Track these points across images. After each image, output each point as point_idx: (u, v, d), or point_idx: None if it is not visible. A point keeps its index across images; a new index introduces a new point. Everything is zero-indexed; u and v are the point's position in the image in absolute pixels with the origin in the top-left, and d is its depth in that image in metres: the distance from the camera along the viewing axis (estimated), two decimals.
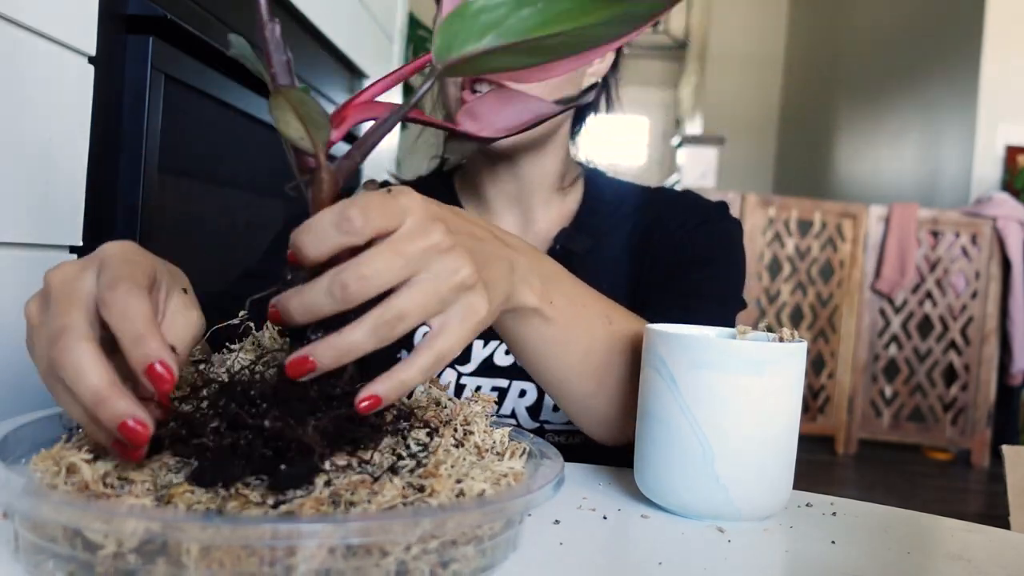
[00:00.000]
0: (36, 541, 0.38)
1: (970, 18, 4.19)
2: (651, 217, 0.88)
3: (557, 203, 0.91)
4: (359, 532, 0.35)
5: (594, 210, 0.90)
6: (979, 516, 2.92)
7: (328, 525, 0.34)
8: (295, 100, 0.40)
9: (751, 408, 0.53)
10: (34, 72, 0.77)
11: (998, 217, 3.71)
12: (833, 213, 3.85)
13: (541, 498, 0.41)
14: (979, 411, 3.74)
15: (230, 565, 0.35)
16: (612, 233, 0.88)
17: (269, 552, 0.35)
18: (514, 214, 0.90)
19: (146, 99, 0.93)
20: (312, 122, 0.41)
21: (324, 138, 0.43)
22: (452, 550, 0.39)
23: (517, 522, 0.44)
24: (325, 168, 0.44)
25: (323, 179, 0.44)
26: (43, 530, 0.37)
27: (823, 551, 0.50)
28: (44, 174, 0.79)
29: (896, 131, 5.01)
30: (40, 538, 0.38)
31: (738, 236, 0.87)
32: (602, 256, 0.87)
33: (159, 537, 0.34)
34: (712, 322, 0.66)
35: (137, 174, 0.93)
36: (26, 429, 0.47)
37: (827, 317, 3.88)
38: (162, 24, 0.93)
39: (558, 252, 0.86)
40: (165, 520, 0.34)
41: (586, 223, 0.89)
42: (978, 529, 0.58)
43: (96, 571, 0.36)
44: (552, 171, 0.89)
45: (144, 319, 0.40)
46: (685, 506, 0.55)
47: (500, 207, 0.90)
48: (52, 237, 0.82)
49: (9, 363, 0.77)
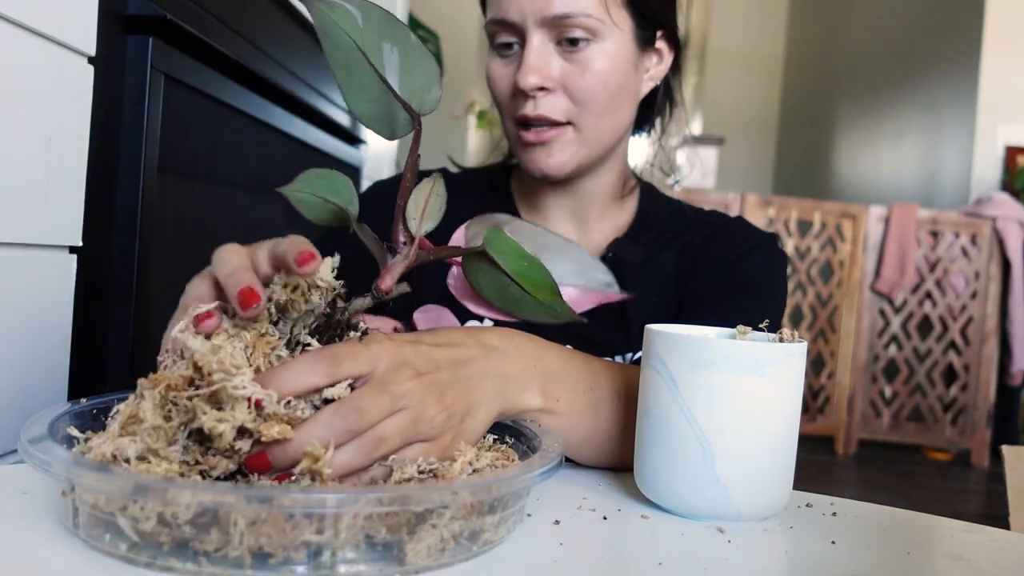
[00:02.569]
0: (97, 515, 0.41)
1: (970, 18, 4.19)
2: (703, 238, 0.89)
3: (613, 213, 0.91)
4: (395, 500, 0.40)
5: (648, 224, 0.90)
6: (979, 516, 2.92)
7: (364, 495, 0.39)
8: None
9: (751, 408, 0.53)
10: (34, 72, 0.77)
11: (998, 217, 3.71)
12: (833, 213, 3.85)
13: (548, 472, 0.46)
14: (979, 411, 3.74)
15: (276, 536, 0.39)
16: (664, 249, 0.88)
17: (310, 521, 0.39)
18: (570, 223, 0.90)
19: (146, 99, 0.93)
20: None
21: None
22: (477, 519, 0.44)
23: (525, 494, 0.49)
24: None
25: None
26: (104, 504, 0.41)
27: (823, 551, 0.50)
28: (44, 174, 0.79)
29: (896, 131, 5.01)
30: (100, 512, 0.41)
31: (783, 268, 0.88)
32: (653, 270, 0.87)
33: (211, 508, 0.38)
34: None
35: (137, 174, 0.93)
36: (65, 419, 0.50)
37: (827, 317, 3.88)
38: (162, 24, 0.93)
39: (611, 260, 0.86)
40: (217, 492, 0.38)
41: (639, 235, 0.89)
42: (978, 529, 0.58)
43: (154, 542, 0.40)
44: (610, 183, 0.90)
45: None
46: (685, 506, 0.55)
47: (556, 216, 0.90)
48: (52, 237, 0.82)
49: (13, 362, 0.77)
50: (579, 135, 0.81)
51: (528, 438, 0.55)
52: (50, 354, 0.84)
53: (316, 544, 0.40)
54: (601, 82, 0.79)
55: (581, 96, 0.79)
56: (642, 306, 0.84)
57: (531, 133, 0.80)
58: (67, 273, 0.85)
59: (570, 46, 0.78)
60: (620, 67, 0.81)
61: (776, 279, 0.87)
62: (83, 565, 0.40)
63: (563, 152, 0.81)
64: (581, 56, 0.79)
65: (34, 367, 0.81)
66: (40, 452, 0.41)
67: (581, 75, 0.79)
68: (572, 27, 0.77)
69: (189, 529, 0.39)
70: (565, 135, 0.81)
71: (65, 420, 0.49)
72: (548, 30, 0.78)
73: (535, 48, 0.78)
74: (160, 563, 0.40)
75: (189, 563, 0.39)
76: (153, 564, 0.40)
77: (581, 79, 0.79)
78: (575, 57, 0.79)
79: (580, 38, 0.78)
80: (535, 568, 0.44)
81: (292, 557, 0.40)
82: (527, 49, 0.78)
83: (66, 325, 0.86)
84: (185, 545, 0.40)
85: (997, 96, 4.07)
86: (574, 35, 0.78)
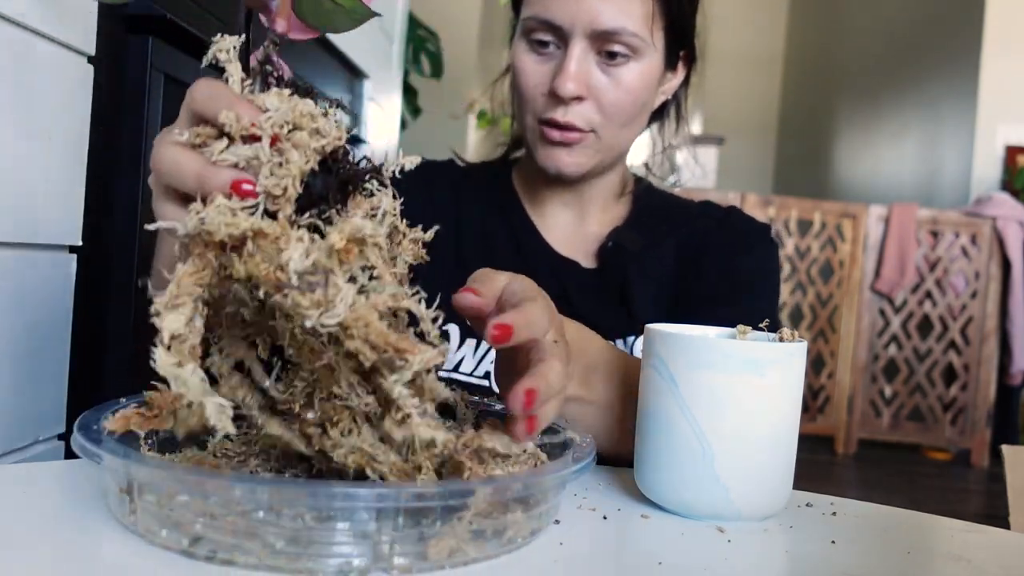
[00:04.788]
0: (156, 512, 0.42)
1: (970, 18, 4.19)
2: (700, 233, 0.90)
3: (612, 207, 0.92)
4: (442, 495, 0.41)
5: (645, 216, 0.92)
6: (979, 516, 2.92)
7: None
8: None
9: (751, 408, 0.53)
10: (34, 72, 0.77)
11: (998, 217, 3.71)
12: (833, 213, 3.85)
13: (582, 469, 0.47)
14: (979, 411, 3.74)
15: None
16: (661, 242, 0.89)
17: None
18: (571, 217, 0.92)
19: (146, 99, 0.93)
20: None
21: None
22: (503, 516, 0.45)
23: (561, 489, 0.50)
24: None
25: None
26: (163, 501, 0.42)
27: (823, 551, 0.50)
28: (44, 174, 0.79)
29: (896, 131, 5.01)
30: (160, 508, 0.42)
31: (777, 259, 0.90)
32: (652, 258, 0.88)
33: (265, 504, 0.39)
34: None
35: (137, 174, 0.93)
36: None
37: (827, 317, 3.88)
38: (162, 24, 0.93)
39: (611, 248, 0.88)
40: (274, 487, 0.39)
41: (638, 226, 0.90)
42: (978, 529, 0.58)
43: (214, 537, 0.41)
44: (612, 182, 0.91)
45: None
46: (685, 506, 0.55)
47: (557, 210, 0.91)
48: (52, 237, 0.82)
49: (13, 362, 0.77)
50: (599, 143, 0.83)
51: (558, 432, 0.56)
52: (50, 354, 0.84)
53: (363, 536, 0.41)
54: (631, 99, 0.81)
55: (610, 109, 0.81)
56: (642, 292, 0.85)
57: (556, 132, 0.81)
58: (67, 273, 0.85)
59: (608, 59, 0.80)
60: (649, 85, 0.83)
61: (773, 273, 0.89)
62: (143, 560, 0.41)
63: (582, 155, 0.83)
64: (617, 71, 0.80)
65: (34, 367, 0.81)
66: (103, 450, 0.42)
67: (614, 89, 0.80)
68: (616, 43, 0.79)
69: (248, 522, 0.40)
70: (587, 140, 0.83)
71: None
72: (592, 41, 0.79)
73: (577, 57, 0.79)
74: (221, 556, 0.40)
75: (251, 556, 0.40)
76: (214, 558, 0.41)
77: (613, 92, 0.80)
78: (611, 70, 0.80)
79: (620, 53, 0.79)
80: (535, 567, 0.44)
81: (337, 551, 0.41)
82: (569, 56, 0.79)
83: (66, 325, 0.86)
84: (251, 535, 0.40)
85: (997, 96, 4.07)
86: (615, 49, 0.79)
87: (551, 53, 0.81)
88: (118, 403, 0.51)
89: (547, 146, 0.83)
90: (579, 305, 0.84)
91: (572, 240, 0.91)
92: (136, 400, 0.52)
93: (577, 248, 0.90)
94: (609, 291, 0.86)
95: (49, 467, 0.55)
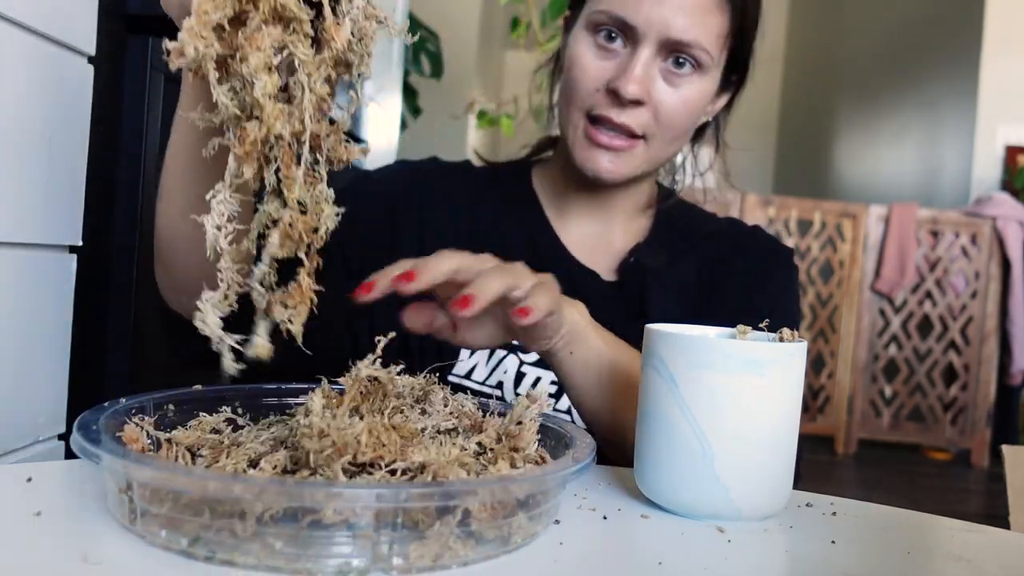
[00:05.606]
0: (156, 512, 0.42)
1: (970, 18, 4.19)
2: (723, 251, 0.89)
3: (635, 220, 0.91)
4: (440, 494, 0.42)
5: (667, 230, 0.90)
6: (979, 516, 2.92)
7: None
8: None
9: (751, 408, 0.53)
10: (34, 72, 0.77)
11: (998, 217, 3.71)
12: (833, 213, 3.85)
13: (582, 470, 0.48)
14: (979, 411, 3.74)
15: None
16: (683, 257, 0.88)
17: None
18: (594, 226, 0.90)
19: (146, 99, 0.93)
20: None
21: None
22: (503, 516, 0.45)
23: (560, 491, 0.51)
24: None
25: None
26: (162, 502, 0.42)
27: (823, 551, 0.50)
28: (44, 174, 0.79)
29: (896, 131, 5.01)
30: (159, 508, 0.42)
31: (797, 282, 0.91)
32: (674, 276, 0.87)
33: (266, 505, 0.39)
34: None
35: (137, 174, 0.93)
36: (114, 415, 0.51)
37: (827, 317, 3.88)
38: (162, 24, 0.93)
39: (633, 265, 0.86)
40: (274, 487, 0.39)
41: (659, 242, 0.89)
42: (978, 529, 0.58)
43: (213, 537, 0.41)
44: (640, 195, 0.90)
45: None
46: (685, 506, 0.55)
47: (580, 218, 0.90)
48: (52, 237, 0.82)
49: (13, 361, 0.77)
50: (646, 152, 0.82)
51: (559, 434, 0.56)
52: (50, 354, 0.84)
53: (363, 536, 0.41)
54: (686, 112, 0.81)
55: (665, 119, 0.80)
56: (660, 307, 0.84)
57: (604, 136, 0.79)
58: (67, 273, 0.85)
59: (674, 67, 0.79)
60: (704, 102, 0.83)
61: (796, 299, 0.89)
62: (142, 560, 0.41)
63: (625, 163, 0.81)
64: (680, 81, 0.79)
65: (34, 367, 0.81)
66: (102, 450, 0.42)
67: (673, 99, 0.79)
68: (686, 54, 0.78)
69: (251, 525, 0.40)
70: (635, 148, 0.81)
71: (116, 416, 0.50)
72: (661, 47, 0.78)
73: (645, 60, 0.78)
74: (221, 557, 0.41)
75: (250, 556, 0.40)
76: (213, 559, 0.41)
77: (671, 102, 0.79)
78: (674, 80, 0.79)
79: (687, 65, 0.79)
80: (535, 568, 0.44)
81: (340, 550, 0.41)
82: (637, 59, 0.77)
83: (66, 325, 0.86)
84: (251, 535, 0.40)
85: (997, 96, 4.07)
86: (683, 61, 0.79)
87: (615, 50, 0.79)
88: (118, 403, 0.51)
89: (589, 147, 0.81)
90: (595, 316, 0.83)
91: (594, 250, 0.88)
92: (134, 401, 0.52)
93: (599, 260, 0.88)
94: (628, 305, 0.85)
95: (49, 467, 0.55)
